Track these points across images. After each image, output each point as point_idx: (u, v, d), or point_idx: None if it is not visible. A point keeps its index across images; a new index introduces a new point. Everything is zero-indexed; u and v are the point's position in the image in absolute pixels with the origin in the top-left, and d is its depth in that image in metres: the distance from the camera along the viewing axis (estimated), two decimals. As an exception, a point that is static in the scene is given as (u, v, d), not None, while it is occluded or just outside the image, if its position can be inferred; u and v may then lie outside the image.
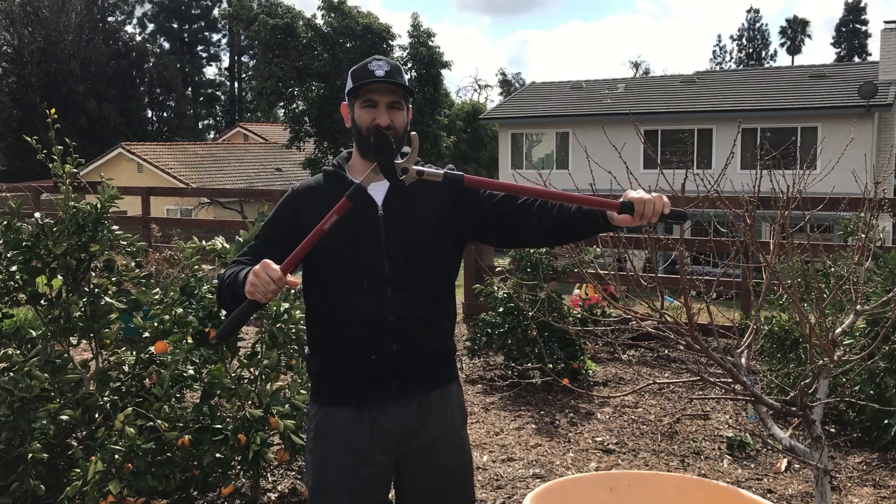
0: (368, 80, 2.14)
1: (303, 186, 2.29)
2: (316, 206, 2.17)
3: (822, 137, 20.14)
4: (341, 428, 2.20)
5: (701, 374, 3.22)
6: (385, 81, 2.13)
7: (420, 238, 2.16)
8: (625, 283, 3.98)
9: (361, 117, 2.17)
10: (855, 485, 3.98)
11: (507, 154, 26.93)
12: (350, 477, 2.19)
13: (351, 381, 2.19)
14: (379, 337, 2.16)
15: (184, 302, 3.50)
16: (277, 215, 2.26)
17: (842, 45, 58.28)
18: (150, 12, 53.84)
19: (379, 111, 2.16)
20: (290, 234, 2.14)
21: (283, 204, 2.26)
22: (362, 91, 2.16)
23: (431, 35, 29.01)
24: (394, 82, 2.14)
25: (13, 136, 37.62)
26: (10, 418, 3.28)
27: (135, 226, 9.21)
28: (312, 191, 2.25)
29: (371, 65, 2.17)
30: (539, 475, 4.12)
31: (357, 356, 2.17)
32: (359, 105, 2.18)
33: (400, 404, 2.19)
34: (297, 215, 2.20)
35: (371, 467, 2.20)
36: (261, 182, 30.00)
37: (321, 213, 2.07)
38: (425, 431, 2.21)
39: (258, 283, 1.93)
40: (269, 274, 1.93)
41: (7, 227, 3.68)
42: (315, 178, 2.32)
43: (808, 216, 3.50)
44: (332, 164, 2.29)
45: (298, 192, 2.27)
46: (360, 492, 2.21)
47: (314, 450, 2.25)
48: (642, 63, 79.48)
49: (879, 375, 4.37)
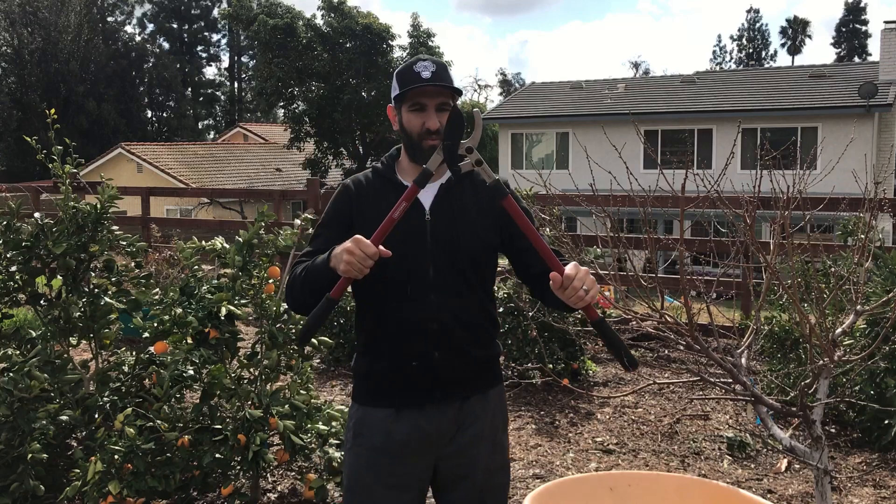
0: (416, 85, 2.09)
1: (354, 182, 2.25)
2: (365, 203, 2.17)
3: (823, 137, 20.13)
4: (380, 428, 2.19)
5: (701, 375, 3.22)
6: (433, 84, 2.09)
7: (465, 244, 2.14)
8: (625, 283, 3.98)
9: (411, 122, 2.13)
10: (855, 485, 3.98)
11: (507, 154, 26.92)
12: (386, 476, 2.18)
13: (392, 384, 2.18)
14: (421, 343, 2.14)
15: (183, 302, 3.50)
16: (335, 210, 2.23)
17: (842, 46, 58.28)
18: (149, 12, 53.87)
19: (428, 114, 2.11)
20: (345, 232, 2.10)
21: (338, 199, 2.24)
22: (410, 94, 2.11)
23: (431, 35, 29.03)
24: (442, 84, 2.10)
25: (13, 136, 37.63)
26: (10, 418, 3.28)
27: (135, 226, 9.21)
28: (363, 188, 2.22)
29: (416, 66, 2.12)
30: (539, 475, 4.11)
31: (399, 361, 2.16)
32: (407, 109, 2.13)
33: (440, 408, 2.18)
34: (351, 210, 2.19)
35: (408, 467, 2.19)
36: (261, 182, 30.00)
37: (368, 211, 2.08)
38: (463, 435, 2.20)
39: (354, 260, 1.91)
40: (363, 249, 1.91)
41: (7, 227, 3.68)
42: (364, 173, 2.28)
43: (808, 216, 3.50)
44: (381, 161, 2.26)
45: (350, 187, 2.23)
46: (396, 491, 2.20)
47: (351, 448, 2.24)
48: (642, 63, 79.64)
49: (880, 376, 4.37)
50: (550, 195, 5.09)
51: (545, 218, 5.22)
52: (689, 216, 3.91)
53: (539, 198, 6.21)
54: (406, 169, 2.21)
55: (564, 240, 4.58)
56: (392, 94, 2.19)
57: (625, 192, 3.67)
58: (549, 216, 5.29)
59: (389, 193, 2.12)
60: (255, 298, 3.53)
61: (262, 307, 3.54)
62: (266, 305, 3.54)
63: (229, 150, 33.45)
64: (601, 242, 4.04)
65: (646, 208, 3.44)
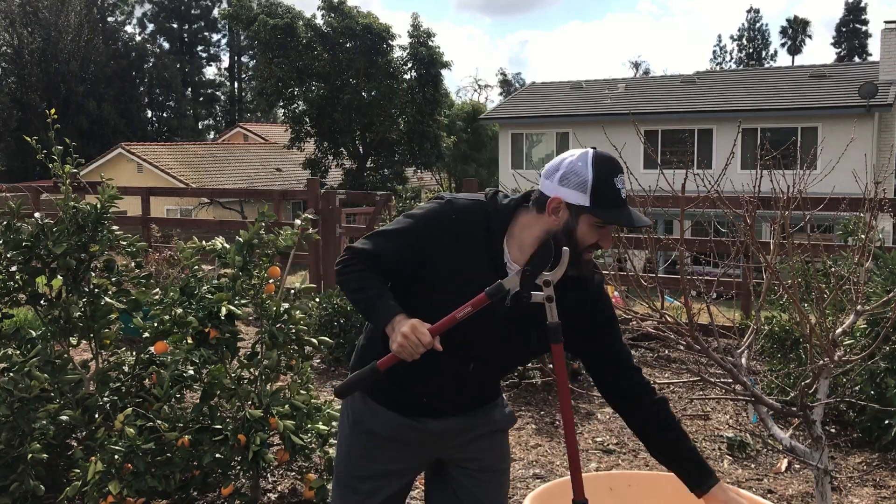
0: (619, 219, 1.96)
1: (457, 218, 2.02)
2: (453, 248, 2.01)
3: (823, 137, 20.12)
4: (383, 420, 2.18)
5: (701, 375, 3.22)
6: (633, 225, 1.98)
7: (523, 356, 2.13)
8: (625, 283, 3.98)
9: (586, 235, 1.96)
10: (855, 485, 3.98)
11: (507, 154, 26.92)
12: (382, 461, 2.20)
13: (397, 400, 2.18)
14: (437, 391, 2.15)
15: (183, 302, 3.50)
16: (419, 232, 2.03)
17: (842, 45, 58.26)
18: (149, 12, 53.82)
19: (606, 233, 1.99)
20: (418, 257, 2.01)
21: (430, 222, 2.03)
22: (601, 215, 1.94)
23: (431, 35, 28.98)
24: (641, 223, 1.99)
25: (13, 136, 37.60)
26: (10, 418, 3.28)
27: (135, 226, 9.21)
28: (458, 227, 2.01)
29: (618, 183, 1.95)
30: (539, 475, 4.11)
31: (411, 393, 2.15)
32: (590, 222, 1.95)
33: (444, 421, 2.21)
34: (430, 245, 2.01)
35: (407, 458, 2.21)
36: (261, 182, 29.99)
37: (454, 254, 1.98)
38: (468, 432, 2.22)
39: (407, 345, 1.89)
40: (419, 337, 1.89)
41: (7, 227, 3.68)
42: (471, 211, 2.03)
43: (809, 216, 3.50)
44: (498, 205, 2.04)
45: (447, 222, 2.01)
46: (390, 477, 2.21)
47: (350, 434, 2.23)
48: (642, 63, 79.55)
49: (880, 375, 4.37)
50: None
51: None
52: (689, 216, 3.91)
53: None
54: (519, 242, 2.00)
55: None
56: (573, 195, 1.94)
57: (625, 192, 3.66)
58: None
59: (484, 252, 2.00)
60: (255, 298, 3.53)
61: (262, 307, 3.53)
62: (266, 305, 3.53)
63: (229, 150, 33.45)
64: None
65: (646, 208, 3.44)
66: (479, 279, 1.95)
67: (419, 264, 2.02)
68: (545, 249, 1.91)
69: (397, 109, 28.76)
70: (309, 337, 3.61)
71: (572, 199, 1.94)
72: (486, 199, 2.07)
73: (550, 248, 1.91)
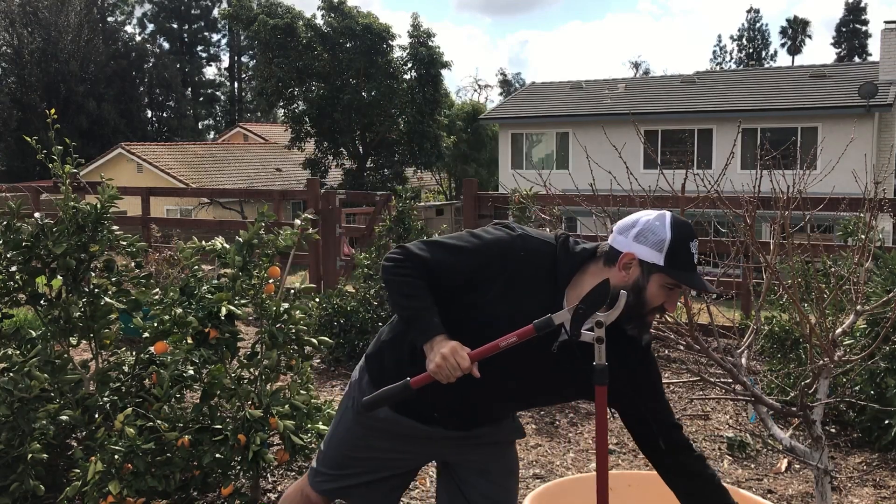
0: (692, 282, 1.97)
1: (525, 256, 1.99)
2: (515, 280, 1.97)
3: (823, 137, 20.12)
4: (388, 416, 2.17)
5: (701, 375, 3.22)
6: (705, 290, 2.03)
7: (554, 398, 2.13)
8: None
9: (655, 295, 1.96)
10: (855, 485, 3.98)
11: (507, 154, 26.92)
12: (379, 451, 2.21)
13: (408, 406, 2.16)
14: (451, 412, 2.14)
15: (183, 302, 3.50)
16: (482, 257, 1.99)
17: (842, 45, 58.25)
18: (149, 12, 53.84)
19: (673, 296, 1.99)
20: (473, 281, 1.98)
21: (498, 254, 1.99)
22: (674, 276, 1.94)
23: (431, 35, 28.99)
24: (710, 289, 2.03)
25: (13, 136, 37.59)
26: (10, 418, 3.28)
27: (135, 226, 9.21)
28: (521, 264, 1.98)
29: (693, 247, 1.97)
30: (539, 475, 4.11)
31: (422, 406, 2.13)
32: (661, 282, 1.95)
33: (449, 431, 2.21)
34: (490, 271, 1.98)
35: (408, 451, 2.22)
36: (261, 182, 30.00)
37: (511, 289, 1.94)
38: (475, 430, 2.22)
39: (445, 367, 1.88)
40: (458, 361, 1.87)
41: (7, 227, 3.68)
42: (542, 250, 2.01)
43: (808, 216, 3.50)
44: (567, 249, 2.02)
45: (516, 258, 1.99)
46: (386, 464, 2.23)
47: (353, 420, 2.22)
48: (642, 63, 79.59)
49: (880, 376, 4.37)
50: (550, 195, 5.08)
51: (545, 218, 5.22)
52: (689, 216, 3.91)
53: (539, 198, 6.21)
54: (581, 286, 1.97)
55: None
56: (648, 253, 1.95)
57: (625, 192, 3.67)
58: (549, 216, 5.29)
59: (542, 295, 1.96)
60: (255, 298, 3.53)
61: (262, 307, 3.53)
62: (266, 305, 3.53)
63: (229, 150, 33.45)
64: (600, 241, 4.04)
65: (646, 208, 3.43)
66: (530, 317, 1.91)
67: (470, 287, 1.98)
68: (602, 289, 1.87)
69: (397, 109, 28.76)
70: (309, 337, 3.61)
71: (647, 257, 1.94)
72: (556, 242, 2.03)
73: (608, 289, 1.88)
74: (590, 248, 2.04)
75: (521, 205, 6.21)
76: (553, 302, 1.96)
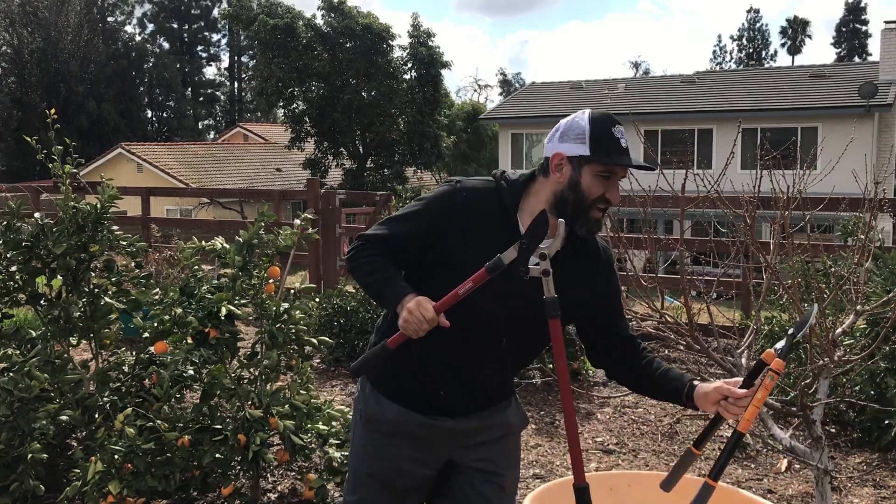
0: (620, 161, 1.96)
1: (465, 193, 2.05)
2: (463, 225, 2.01)
3: (823, 137, 20.13)
4: (395, 415, 2.17)
5: (701, 375, 3.22)
6: (635, 167, 1.99)
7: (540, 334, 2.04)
8: (625, 283, 3.98)
9: (591, 187, 1.97)
10: (855, 485, 3.98)
11: (507, 154, 26.93)
12: (394, 460, 2.19)
13: (412, 393, 2.16)
14: (455, 383, 2.13)
15: (183, 302, 3.50)
16: (426, 212, 2.05)
17: (842, 45, 58.25)
18: (149, 12, 53.84)
19: (612, 186, 1.99)
20: (430, 239, 2.02)
21: (438, 202, 2.05)
22: (605, 161, 1.96)
23: (431, 35, 28.98)
24: (642, 166, 2.02)
25: (13, 136, 37.59)
26: (10, 418, 3.28)
27: (135, 226, 9.21)
28: (469, 207, 2.03)
29: (616, 131, 1.98)
30: (539, 475, 4.11)
31: (427, 386, 2.14)
32: (593, 172, 1.97)
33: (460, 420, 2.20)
34: (442, 223, 2.02)
35: (420, 455, 2.19)
36: (261, 182, 29.99)
37: (461, 236, 1.98)
38: (483, 433, 2.21)
39: (411, 321, 1.89)
40: (423, 313, 1.89)
41: (7, 227, 3.68)
42: (479, 188, 2.07)
43: (808, 216, 3.50)
44: (507, 180, 2.07)
45: (457, 200, 2.03)
46: (403, 476, 2.20)
47: (363, 433, 2.22)
48: (642, 63, 79.56)
49: (880, 375, 4.37)
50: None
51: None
52: (689, 216, 3.91)
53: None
54: (532, 209, 2.01)
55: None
56: (573, 147, 1.98)
57: (625, 191, 3.66)
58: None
59: (499, 229, 2.00)
60: (255, 298, 3.53)
61: (262, 307, 3.53)
62: (266, 305, 3.53)
63: (229, 150, 33.44)
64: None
65: (646, 208, 3.44)
66: (495, 254, 1.92)
67: (430, 245, 2.02)
68: (540, 221, 1.90)
69: (397, 109, 28.75)
70: (309, 337, 3.61)
71: (573, 152, 1.98)
72: (495, 178, 2.09)
73: (546, 219, 1.91)
74: (528, 172, 2.10)
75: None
76: (511, 233, 2.00)
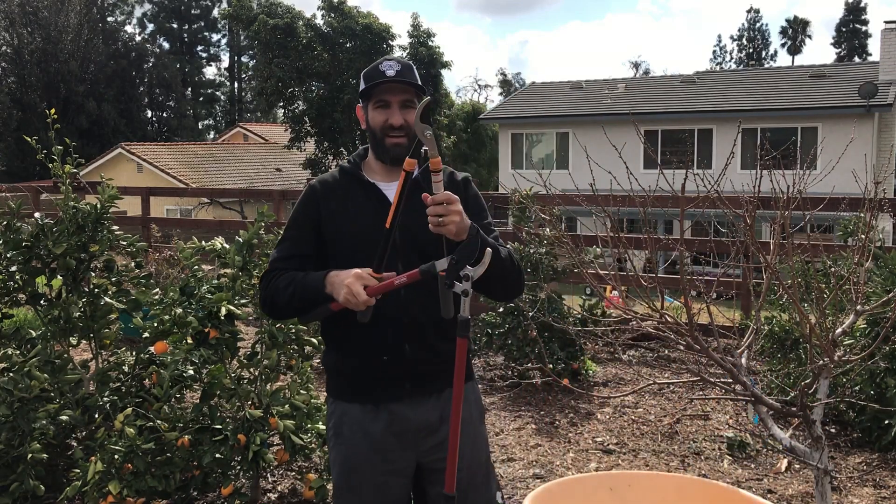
0: (380, 81, 2.16)
1: (321, 181, 2.31)
2: (333, 203, 2.22)
3: (823, 137, 20.13)
4: (359, 424, 2.20)
5: (701, 375, 3.22)
6: (396, 81, 2.16)
7: (435, 237, 2.11)
8: (625, 283, 3.98)
9: (375, 118, 2.20)
10: (855, 485, 3.98)
11: (507, 154, 26.92)
12: (370, 473, 2.20)
13: (365, 379, 2.21)
14: (392, 337, 2.16)
15: (183, 302, 3.50)
16: (301, 212, 2.27)
17: (842, 45, 58.26)
18: (149, 12, 53.89)
19: (392, 111, 2.18)
20: (313, 232, 2.22)
21: (304, 200, 2.28)
22: (375, 92, 2.18)
23: (431, 35, 28.99)
24: (405, 81, 2.16)
25: (13, 136, 37.59)
26: (10, 418, 3.28)
27: (135, 226, 9.21)
28: (330, 187, 2.27)
29: (382, 65, 2.19)
30: (539, 475, 4.11)
31: (370, 355, 2.19)
32: (372, 106, 2.20)
33: (415, 402, 2.20)
34: (318, 210, 2.23)
35: (391, 463, 2.21)
36: (261, 182, 29.99)
37: (338, 210, 2.18)
38: (443, 428, 2.20)
39: (350, 300, 2.01)
40: (357, 297, 2.00)
41: (7, 227, 3.68)
42: (331, 173, 2.35)
43: (808, 216, 3.50)
44: (348, 160, 2.33)
45: (316, 187, 2.28)
46: (382, 489, 2.21)
47: (335, 447, 2.27)
48: (642, 63, 79.58)
49: (880, 375, 4.37)
50: (550, 195, 5.09)
51: (545, 218, 5.22)
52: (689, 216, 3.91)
53: (539, 198, 6.21)
54: (373, 167, 2.27)
55: (564, 239, 4.58)
56: (359, 92, 2.26)
57: (625, 192, 3.66)
58: (549, 216, 5.30)
59: (357, 191, 2.22)
60: (255, 298, 3.53)
61: (262, 307, 3.53)
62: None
63: (229, 150, 33.44)
64: (601, 242, 4.04)
65: (646, 208, 3.44)
66: (368, 217, 2.14)
67: (319, 234, 2.21)
68: (471, 245, 2.02)
69: (397, 109, 28.73)
70: (309, 337, 3.62)
71: (361, 97, 2.23)
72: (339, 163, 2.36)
73: (476, 245, 2.03)
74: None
75: (521, 205, 6.22)
76: (370, 194, 2.20)
